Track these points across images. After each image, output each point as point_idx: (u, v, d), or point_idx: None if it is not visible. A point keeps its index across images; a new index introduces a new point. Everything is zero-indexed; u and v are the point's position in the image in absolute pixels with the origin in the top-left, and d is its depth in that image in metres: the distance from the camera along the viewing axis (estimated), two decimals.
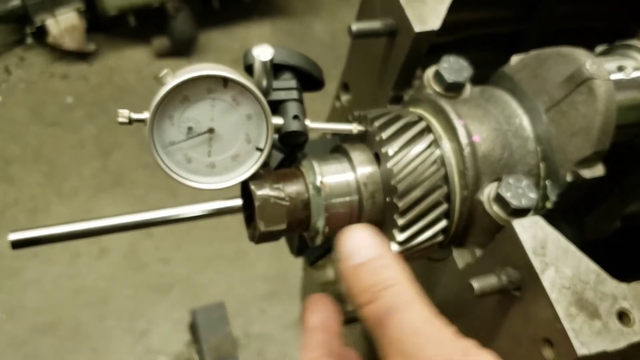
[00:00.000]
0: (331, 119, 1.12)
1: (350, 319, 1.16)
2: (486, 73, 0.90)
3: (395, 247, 0.76)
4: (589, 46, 1.03)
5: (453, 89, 0.81)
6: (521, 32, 1.08)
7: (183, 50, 3.30)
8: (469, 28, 1.02)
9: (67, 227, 0.81)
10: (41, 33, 3.16)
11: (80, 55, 3.25)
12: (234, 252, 2.61)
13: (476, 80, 0.89)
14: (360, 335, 1.28)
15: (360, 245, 0.65)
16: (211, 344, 2.11)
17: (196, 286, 2.64)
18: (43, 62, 3.27)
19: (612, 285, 0.65)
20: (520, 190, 0.72)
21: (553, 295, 0.63)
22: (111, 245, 2.70)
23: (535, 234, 0.66)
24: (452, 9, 0.87)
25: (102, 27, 3.28)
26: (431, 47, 0.88)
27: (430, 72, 0.82)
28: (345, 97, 1.06)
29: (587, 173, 0.74)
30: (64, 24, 3.05)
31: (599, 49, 0.88)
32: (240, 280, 2.62)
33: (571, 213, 0.91)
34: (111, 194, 2.83)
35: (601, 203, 0.91)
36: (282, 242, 1.00)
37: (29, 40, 3.28)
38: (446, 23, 0.86)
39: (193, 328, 2.22)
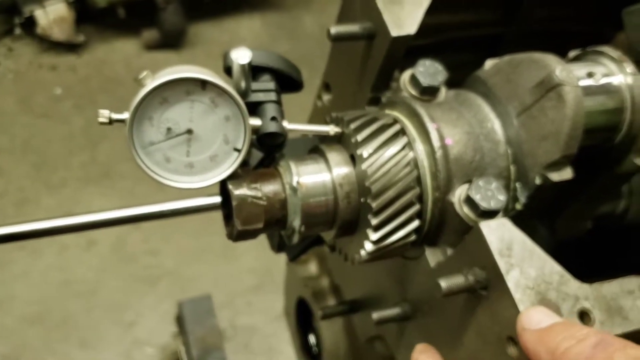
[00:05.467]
0: (313, 117, 1.14)
1: (331, 314, 1.18)
2: (466, 74, 0.92)
3: (369, 245, 0.78)
4: (567, 49, 1.05)
5: (428, 93, 0.83)
6: (501, 35, 1.10)
7: (173, 42, 3.30)
8: (449, 31, 1.04)
9: (50, 223, 0.82)
10: (30, 24, 3.15)
11: (69, 47, 3.25)
12: (221, 245, 2.63)
13: (456, 81, 0.91)
14: (343, 331, 1.30)
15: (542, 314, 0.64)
16: (197, 336, 2.13)
17: (184, 278, 2.67)
18: (32, 52, 3.26)
19: (574, 286, 0.68)
20: (489, 193, 0.74)
21: (517, 295, 0.65)
22: (99, 238, 2.71)
23: (501, 236, 0.68)
24: (430, 12, 0.89)
25: (91, 18, 3.28)
26: (410, 49, 0.90)
27: (406, 76, 0.84)
28: (326, 97, 1.07)
29: (556, 176, 0.76)
30: (52, 15, 3.05)
31: (572, 53, 0.90)
32: (227, 273, 2.64)
33: (545, 214, 0.93)
34: (99, 185, 2.84)
35: (572, 204, 0.93)
36: None
37: (18, 30, 3.27)
38: (425, 26, 0.88)
39: (179, 320, 2.24)
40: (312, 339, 1.47)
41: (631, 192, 1.02)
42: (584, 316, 0.67)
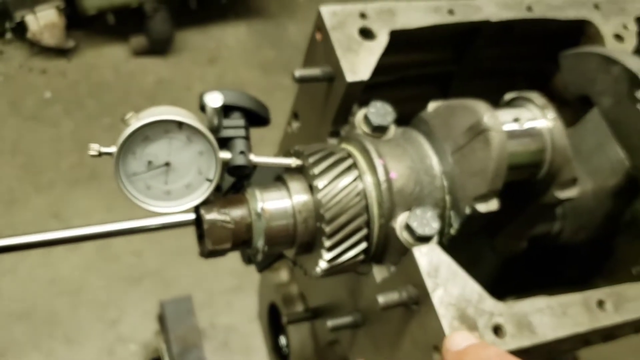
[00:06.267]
0: (284, 140, 1.26)
1: (299, 319, 1.31)
2: (421, 106, 1.04)
3: (323, 264, 0.90)
4: (513, 84, 1.18)
5: (378, 130, 0.95)
6: (452, 71, 1.22)
7: (160, 49, 3.39)
8: (404, 69, 1.16)
9: (41, 236, 0.94)
10: (21, 28, 3.23)
11: (59, 51, 3.33)
12: None
13: (412, 112, 1.03)
14: (309, 334, 1.42)
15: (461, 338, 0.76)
16: (177, 334, 2.23)
17: (166, 279, 2.77)
18: (22, 56, 3.35)
19: (490, 303, 0.80)
20: (424, 221, 0.86)
21: (440, 310, 0.78)
22: None
23: (430, 259, 0.81)
24: (385, 54, 1.01)
25: (81, 23, 3.37)
26: (369, 85, 1.01)
27: (360, 115, 0.96)
28: (295, 125, 1.19)
29: (483, 207, 0.89)
30: (43, 20, 3.13)
31: (508, 96, 1.02)
32: (208, 274, 2.76)
33: (479, 236, 1.06)
34: (87, 187, 2.94)
35: (507, 227, 1.06)
36: None
37: (9, 35, 3.35)
38: (382, 65, 1.00)
39: (161, 319, 2.35)
40: (282, 340, 1.59)
41: (565, 215, 1.15)
42: (497, 330, 0.79)
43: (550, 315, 0.83)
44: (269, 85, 3.30)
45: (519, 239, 1.11)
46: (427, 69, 1.19)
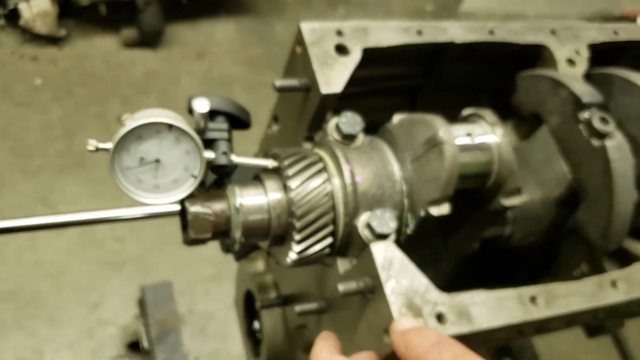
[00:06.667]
0: (264, 142, 1.37)
1: (268, 305, 1.42)
2: (391, 117, 1.15)
3: (293, 255, 1.01)
4: (477, 98, 1.30)
5: (348, 138, 1.07)
6: (421, 86, 1.34)
7: (150, 41, 3.47)
8: (375, 82, 1.27)
9: (27, 221, 1.04)
10: (14, 15, 3.29)
11: (50, 39, 3.40)
12: None
13: (382, 121, 1.14)
14: (281, 320, 1.54)
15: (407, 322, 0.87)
16: (156, 319, 2.33)
17: (147, 265, 2.86)
18: (14, 43, 3.41)
19: (435, 294, 0.92)
20: (383, 221, 0.97)
21: (391, 298, 0.89)
22: None
23: (385, 255, 0.92)
24: (358, 68, 1.12)
25: (73, 13, 3.43)
26: (344, 95, 1.12)
27: (332, 124, 1.08)
28: (275, 127, 1.30)
29: (435, 211, 1.00)
30: (36, 8, 3.20)
31: (466, 112, 1.13)
32: (188, 261, 2.85)
33: (434, 236, 1.18)
34: (74, 174, 3.02)
35: (459, 229, 1.18)
36: None
37: (1, 21, 3.41)
38: (355, 78, 1.11)
39: (141, 303, 2.44)
40: (256, 325, 1.70)
41: (515, 220, 1.27)
42: (440, 317, 0.90)
43: (488, 307, 0.94)
44: (255, 82, 3.40)
45: (471, 241, 1.23)
46: (397, 83, 1.31)
